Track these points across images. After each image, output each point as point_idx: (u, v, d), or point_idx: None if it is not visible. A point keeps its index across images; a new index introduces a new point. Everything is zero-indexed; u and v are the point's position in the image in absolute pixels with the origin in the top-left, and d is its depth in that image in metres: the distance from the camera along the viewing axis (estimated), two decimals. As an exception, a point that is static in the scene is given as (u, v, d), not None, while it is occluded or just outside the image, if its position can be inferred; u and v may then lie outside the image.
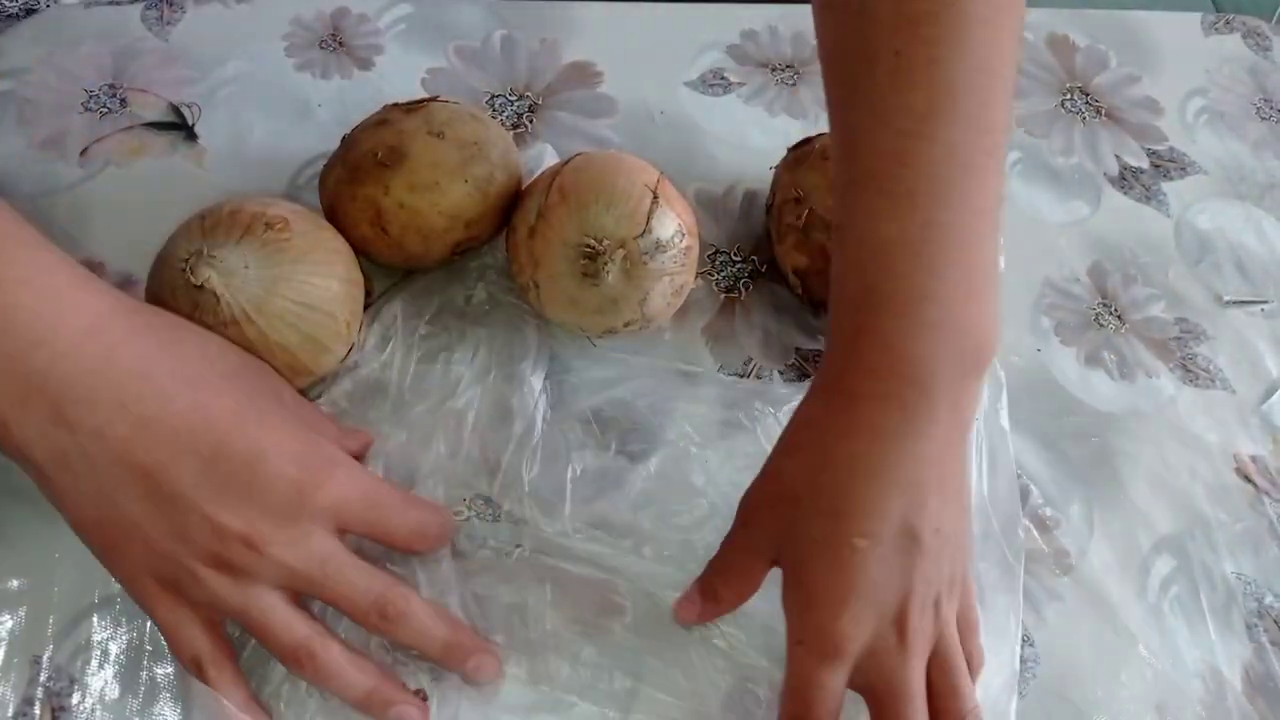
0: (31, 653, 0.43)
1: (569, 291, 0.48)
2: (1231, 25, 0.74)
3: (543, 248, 0.47)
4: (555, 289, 0.48)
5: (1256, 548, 0.52)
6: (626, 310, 0.48)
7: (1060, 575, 0.50)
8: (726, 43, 0.66)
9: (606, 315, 0.48)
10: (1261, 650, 0.49)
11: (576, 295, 0.47)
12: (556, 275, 0.47)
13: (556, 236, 0.47)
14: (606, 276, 0.46)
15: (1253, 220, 0.64)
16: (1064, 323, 0.58)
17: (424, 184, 0.47)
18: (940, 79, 0.38)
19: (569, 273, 0.47)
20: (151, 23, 0.61)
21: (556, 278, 0.47)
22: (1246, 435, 0.56)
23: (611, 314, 0.48)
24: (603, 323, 0.49)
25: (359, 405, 0.49)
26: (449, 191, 0.48)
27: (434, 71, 0.62)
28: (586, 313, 0.48)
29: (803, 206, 0.52)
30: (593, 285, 0.47)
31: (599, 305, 0.48)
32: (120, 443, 0.37)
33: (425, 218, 0.48)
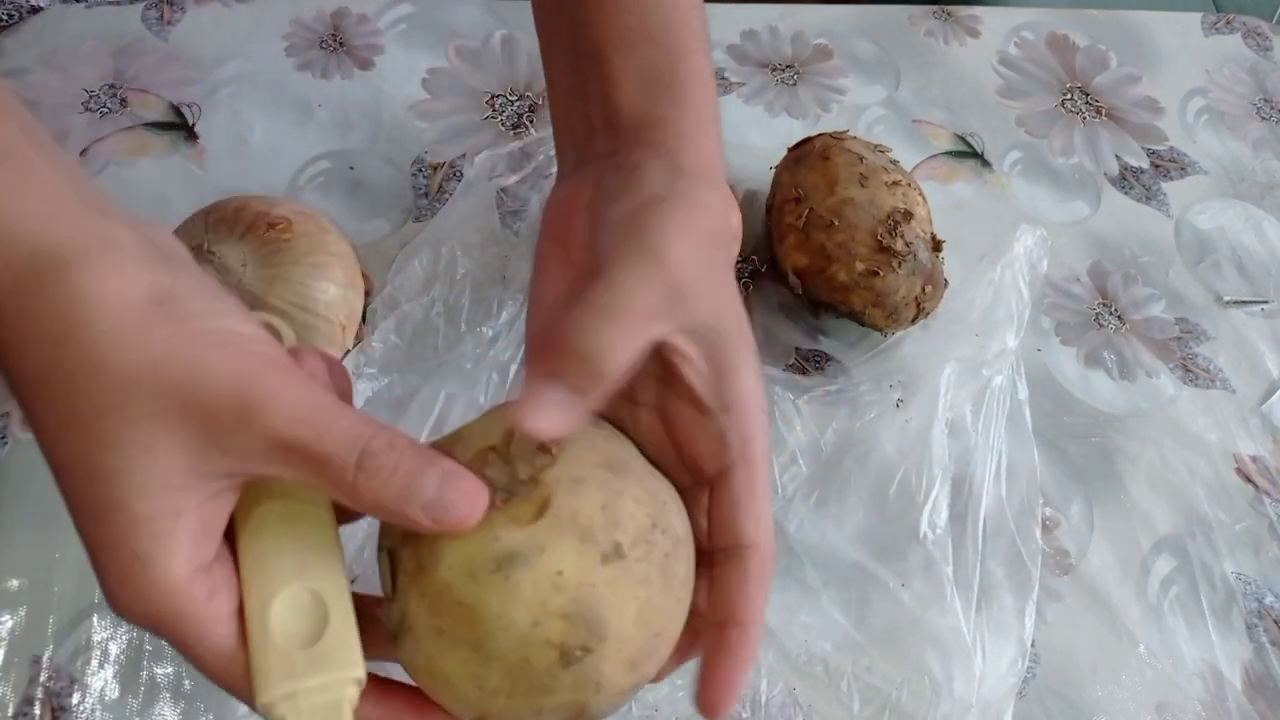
0: (31, 652, 0.43)
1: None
2: (1232, 25, 0.74)
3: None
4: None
5: (1257, 548, 0.52)
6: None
7: (1060, 575, 0.50)
8: (726, 43, 0.66)
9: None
10: (1261, 650, 0.49)
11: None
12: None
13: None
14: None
15: (1253, 220, 0.64)
16: (1064, 323, 0.58)
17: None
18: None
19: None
20: (152, 23, 0.61)
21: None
22: (1247, 435, 0.56)
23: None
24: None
25: (409, 342, 0.50)
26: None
27: (434, 71, 0.62)
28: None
29: (803, 206, 0.52)
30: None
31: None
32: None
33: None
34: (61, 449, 0.28)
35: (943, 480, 0.50)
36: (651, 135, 0.36)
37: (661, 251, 0.31)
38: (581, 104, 0.38)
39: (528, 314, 0.37)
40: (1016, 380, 0.53)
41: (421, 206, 0.57)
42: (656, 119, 0.37)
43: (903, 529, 0.49)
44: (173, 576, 0.28)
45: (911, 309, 0.52)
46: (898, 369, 0.54)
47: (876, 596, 0.48)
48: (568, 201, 0.36)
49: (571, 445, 0.31)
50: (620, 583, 0.30)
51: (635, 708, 0.45)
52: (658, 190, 0.33)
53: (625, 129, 0.37)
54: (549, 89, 0.42)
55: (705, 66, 0.39)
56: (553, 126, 0.41)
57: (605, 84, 0.38)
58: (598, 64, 0.38)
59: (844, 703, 0.46)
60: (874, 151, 0.54)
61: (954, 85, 0.67)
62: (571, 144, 0.39)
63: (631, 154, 0.35)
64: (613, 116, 0.37)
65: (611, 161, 0.36)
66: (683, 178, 0.34)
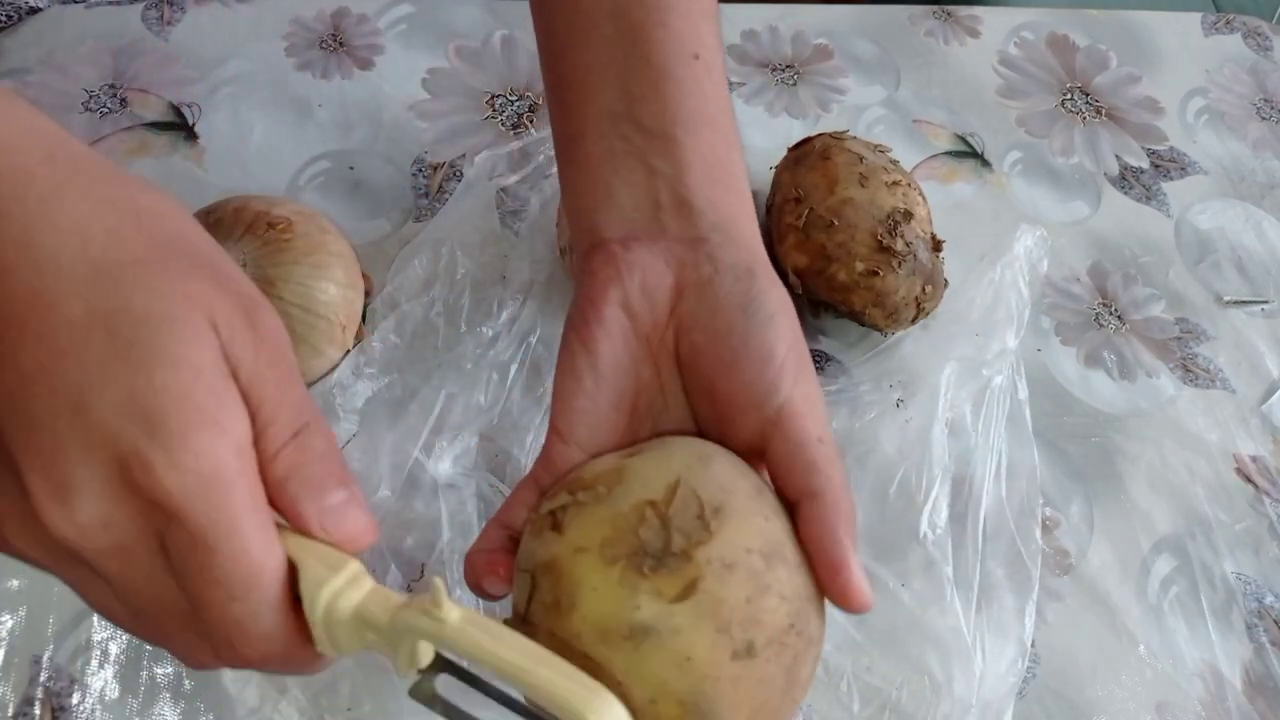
0: (31, 652, 0.43)
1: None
2: (1232, 25, 0.74)
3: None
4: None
5: (1257, 548, 0.52)
6: None
7: (1060, 575, 0.50)
8: (727, 43, 0.66)
9: None
10: (1261, 650, 0.49)
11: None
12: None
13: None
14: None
15: (1253, 220, 0.64)
16: (1064, 323, 0.58)
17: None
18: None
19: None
20: (152, 23, 0.61)
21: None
22: (1247, 435, 0.56)
23: None
24: None
25: (409, 342, 0.50)
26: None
27: (434, 72, 0.62)
28: None
29: (803, 206, 0.52)
30: None
31: None
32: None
33: None
34: (97, 294, 0.27)
35: (943, 480, 0.50)
36: (729, 230, 0.37)
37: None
38: (644, 175, 0.38)
39: (562, 383, 0.37)
40: (1016, 380, 0.53)
41: (421, 206, 0.57)
42: (729, 213, 0.38)
43: (903, 529, 0.49)
44: (237, 438, 0.28)
45: (911, 309, 0.52)
46: (898, 369, 0.54)
47: (876, 596, 0.47)
48: (646, 272, 0.37)
49: (731, 519, 0.31)
50: (743, 682, 0.30)
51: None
52: (782, 335, 0.36)
53: (697, 214, 0.37)
54: (578, 147, 0.40)
55: (739, 143, 0.40)
56: (581, 180, 0.39)
57: (674, 162, 0.38)
58: (663, 141, 0.38)
59: (844, 703, 0.46)
60: (874, 151, 0.54)
61: (954, 85, 0.67)
62: (626, 206, 0.38)
63: (720, 255, 0.37)
64: (684, 197, 0.37)
65: (702, 252, 0.37)
66: (770, 288, 0.37)
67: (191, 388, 0.27)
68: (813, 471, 0.34)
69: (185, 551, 0.27)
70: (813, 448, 0.34)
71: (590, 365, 0.36)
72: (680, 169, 0.38)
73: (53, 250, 0.27)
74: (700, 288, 0.36)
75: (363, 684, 0.44)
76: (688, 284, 0.36)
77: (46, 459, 0.26)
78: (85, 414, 0.26)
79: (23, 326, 0.27)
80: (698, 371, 0.36)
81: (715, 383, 0.36)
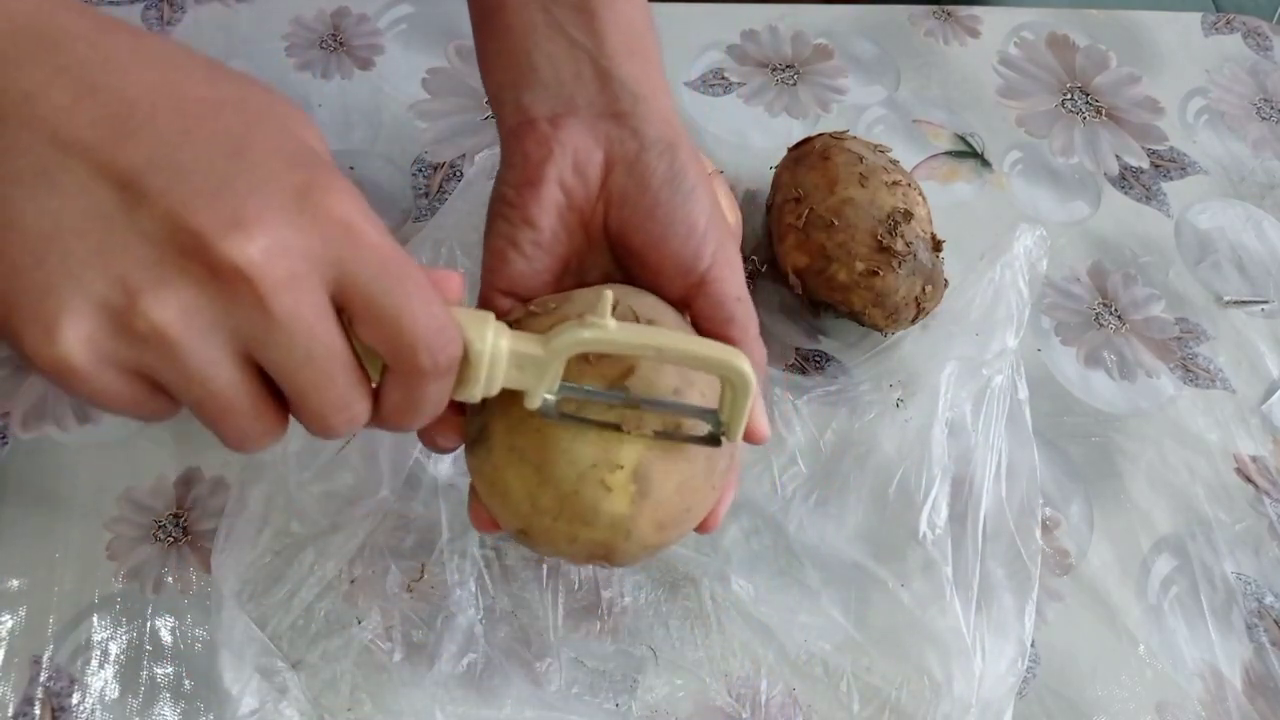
0: (31, 653, 0.43)
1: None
2: (1232, 25, 0.74)
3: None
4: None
5: (1257, 548, 0.52)
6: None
7: (1060, 575, 0.50)
8: (727, 42, 0.66)
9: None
10: (1261, 650, 0.49)
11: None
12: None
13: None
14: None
15: (1253, 220, 0.64)
16: (1064, 323, 0.58)
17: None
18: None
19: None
20: (152, 22, 0.61)
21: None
22: (1247, 435, 0.56)
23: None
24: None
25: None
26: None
27: (434, 71, 0.62)
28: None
29: (803, 206, 0.52)
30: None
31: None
32: (57, 113, 0.27)
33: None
34: (219, 86, 0.29)
35: (942, 480, 0.50)
36: (650, 103, 0.39)
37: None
38: (564, 47, 0.39)
39: (499, 223, 0.39)
40: (1016, 380, 0.53)
41: (421, 206, 0.57)
42: (649, 86, 0.40)
43: (902, 529, 0.49)
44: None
45: (911, 309, 0.52)
46: (897, 369, 0.54)
47: (876, 597, 0.48)
48: (577, 150, 0.38)
49: (663, 327, 0.35)
50: (673, 456, 0.35)
51: (635, 708, 0.45)
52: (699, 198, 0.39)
53: (619, 85, 0.39)
54: (498, 18, 0.41)
55: (653, 17, 0.42)
56: (503, 52, 0.41)
57: (594, 35, 0.39)
58: (583, 13, 0.39)
59: (844, 703, 0.46)
60: (874, 151, 0.54)
61: (954, 85, 0.67)
62: (550, 82, 0.40)
63: (644, 129, 0.39)
64: (606, 69, 0.39)
65: (627, 127, 0.39)
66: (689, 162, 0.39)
67: (325, 149, 0.30)
68: (732, 325, 0.38)
69: (375, 268, 0.28)
70: (731, 305, 0.38)
71: (532, 239, 0.38)
72: (600, 41, 0.39)
73: (166, 54, 0.29)
74: (628, 164, 0.39)
75: (362, 684, 0.44)
76: (616, 160, 0.39)
77: (214, 195, 0.26)
78: (246, 153, 0.27)
79: (154, 106, 0.27)
80: (626, 241, 0.39)
81: (645, 252, 0.39)
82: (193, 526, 0.47)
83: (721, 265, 0.38)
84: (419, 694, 0.44)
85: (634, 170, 0.38)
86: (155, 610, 0.45)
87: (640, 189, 0.38)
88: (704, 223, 0.38)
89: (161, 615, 0.45)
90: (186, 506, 0.47)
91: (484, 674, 0.44)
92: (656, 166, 0.38)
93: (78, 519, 0.46)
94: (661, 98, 0.40)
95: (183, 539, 0.47)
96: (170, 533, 0.47)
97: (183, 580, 0.46)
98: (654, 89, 0.40)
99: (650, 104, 0.39)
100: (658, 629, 0.46)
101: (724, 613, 0.47)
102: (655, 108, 0.39)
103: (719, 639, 0.46)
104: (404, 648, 0.45)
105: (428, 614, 0.45)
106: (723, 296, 0.38)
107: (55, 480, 0.47)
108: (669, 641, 0.46)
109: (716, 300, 0.38)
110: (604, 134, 0.39)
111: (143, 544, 0.46)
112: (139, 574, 0.46)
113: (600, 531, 0.35)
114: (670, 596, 0.47)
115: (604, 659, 0.45)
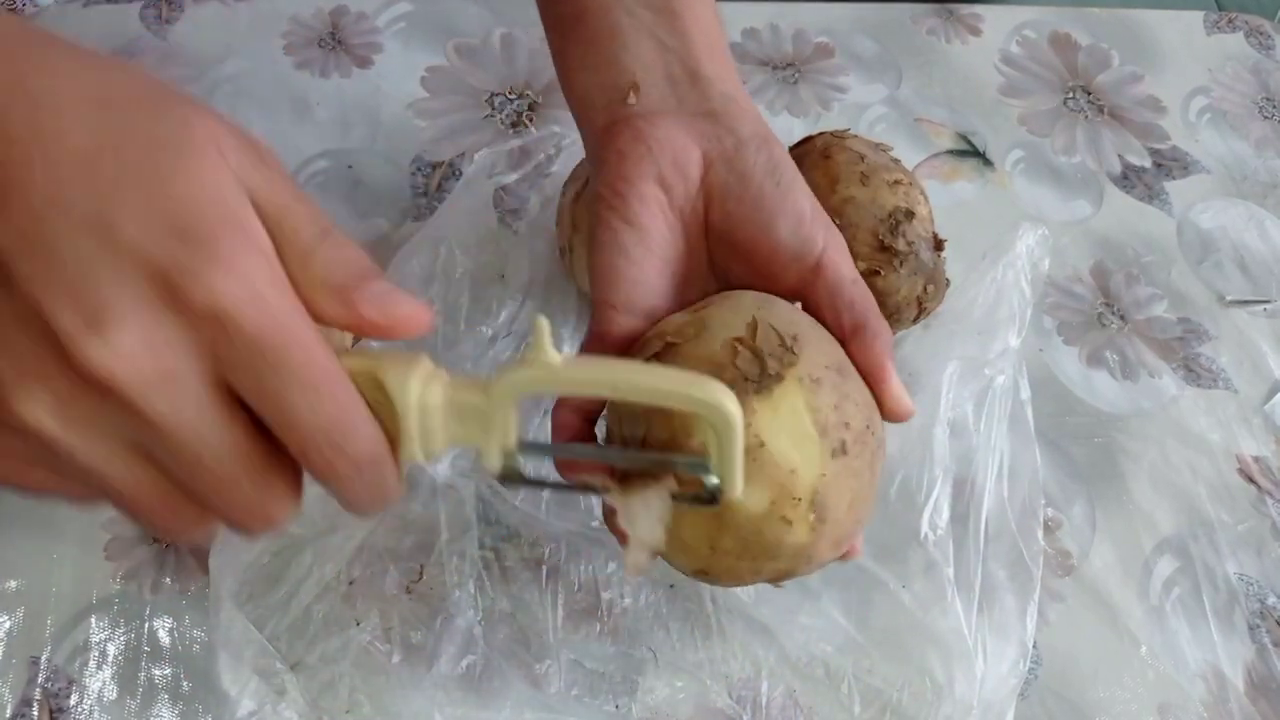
0: (29, 653, 0.43)
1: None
2: (1234, 24, 0.73)
3: (582, 213, 0.47)
4: (586, 255, 0.48)
5: (1259, 548, 0.52)
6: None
7: (1062, 576, 0.50)
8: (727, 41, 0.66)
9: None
10: (1264, 651, 0.49)
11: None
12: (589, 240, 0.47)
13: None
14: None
15: (1255, 219, 0.64)
16: (1066, 322, 0.58)
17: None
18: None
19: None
20: (150, 21, 0.61)
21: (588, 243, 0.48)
22: (1249, 435, 0.56)
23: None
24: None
25: (407, 342, 0.50)
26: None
27: (433, 70, 0.62)
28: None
29: (804, 206, 0.52)
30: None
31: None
32: None
33: None
34: (101, 125, 0.26)
35: (944, 481, 0.50)
36: (739, 100, 0.40)
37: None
38: (653, 48, 0.39)
39: (602, 259, 0.38)
40: (1019, 380, 0.53)
41: (420, 205, 0.57)
42: (734, 84, 0.40)
43: (904, 530, 0.49)
44: (266, 247, 0.27)
45: (913, 308, 0.52)
46: (899, 368, 0.53)
47: (877, 598, 0.48)
48: (674, 147, 0.38)
49: (806, 343, 0.35)
50: (842, 476, 0.34)
51: (635, 710, 0.44)
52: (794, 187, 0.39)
53: (708, 84, 0.39)
54: (583, 26, 0.41)
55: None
56: (590, 56, 0.40)
57: (679, 36, 0.40)
58: (666, 15, 0.40)
59: (845, 705, 0.45)
60: (875, 150, 0.54)
61: (956, 84, 0.67)
62: (643, 82, 0.39)
63: (738, 127, 0.39)
64: (695, 69, 0.39)
65: (722, 125, 0.39)
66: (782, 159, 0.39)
67: (213, 199, 0.25)
68: (853, 308, 0.38)
69: (252, 362, 0.25)
70: (849, 289, 0.38)
71: (637, 239, 0.38)
72: (686, 42, 0.40)
73: (48, 89, 0.26)
74: (728, 159, 0.38)
75: (361, 685, 0.44)
76: (714, 156, 0.39)
77: (73, 288, 0.24)
78: (110, 233, 0.24)
79: (26, 163, 0.25)
80: (733, 236, 0.39)
81: (754, 244, 0.38)
82: (191, 527, 0.47)
83: (834, 249, 0.39)
84: (418, 696, 0.44)
85: (734, 165, 0.38)
86: (153, 611, 0.45)
87: (743, 183, 0.38)
88: (810, 210, 0.39)
89: (159, 616, 0.45)
90: (185, 507, 0.47)
91: (483, 676, 0.44)
92: (756, 160, 0.38)
93: (76, 519, 0.46)
94: (744, 96, 0.40)
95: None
96: (168, 533, 0.47)
97: (181, 581, 0.46)
98: (738, 88, 0.40)
99: (739, 103, 0.39)
100: (658, 630, 0.46)
101: (724, 614, 0.47)
102: (745, 106, 0.40)
103: (719, 641, 0.46)
104: (403, 649, 0.44)
105: (426, 615, 0.45)
106: (839, 280, 0.38)
107: (53, 481, 0.47)
108: (669, 643, 0.46)
109: (834, 285, 0.38)
110: (700, 131, 0.39)
111: (141, 545, 0.46)
112: (137, 575, 0.45)
113: (784, 562, 0.35)
114: (670, 598, 0.47)
115: (604, 661, 0.45)
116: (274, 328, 0.25)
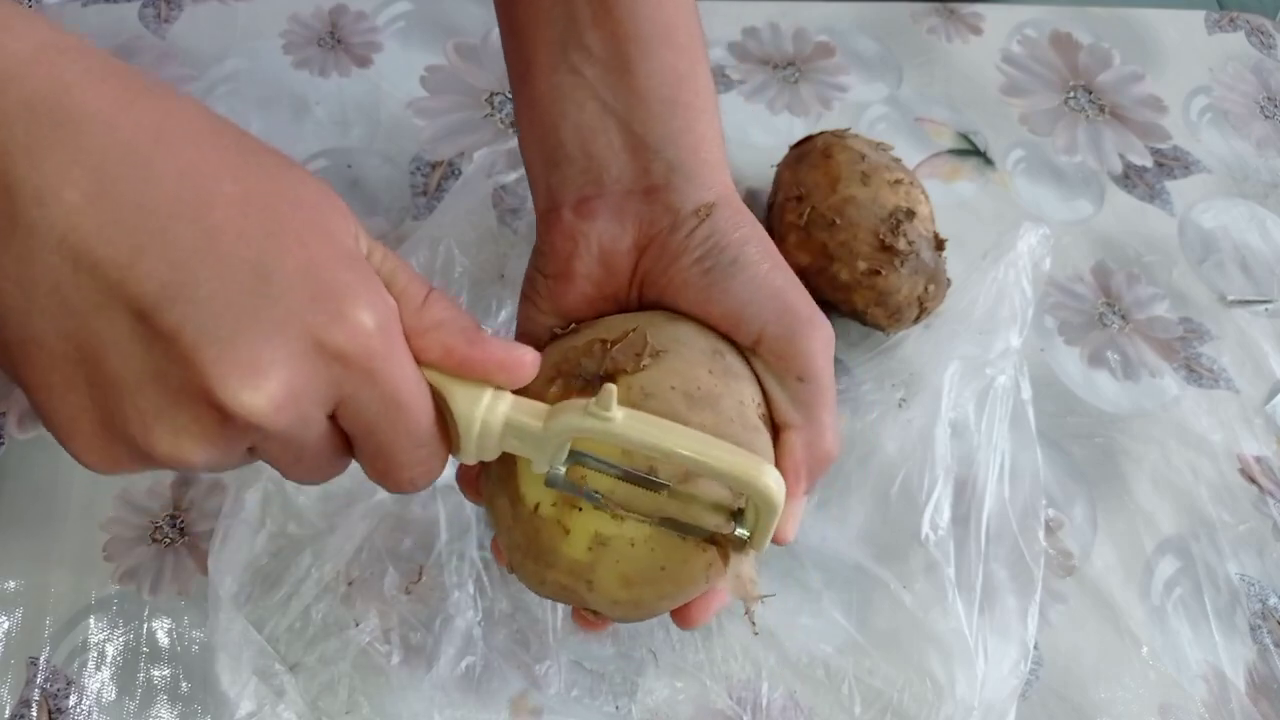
0: (28, 654, 0.43)
1: None
2: (1235, 23, 0.73)
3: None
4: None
5: (1261, 549, 0.52)
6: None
7: (1063, 577, 0.50)
8: (728, 40, 0.66)
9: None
10: (1265, 652, 0.49)
11: None
12: None
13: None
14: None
15: (1257, 219, 0.64)
16: (1067, 322, 0.58)
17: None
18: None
19: None
20: (149, 20, 0.61)
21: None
22: (1251, 435, 0.55)
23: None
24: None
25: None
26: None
27: (433, 69, 0.62)
28: None
29: (804, 205, 0.51)
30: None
31: None
32: (68, 215, 0.25)
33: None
34: (247, 174, 0.28)
35: (945, 481, 0.50)
36: (689, 165, 0.37)
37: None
38: (595, 113, 0.37)
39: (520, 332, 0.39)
40: (1020, 380, 0.53)
41: (420, 205, 0.57)
42: (689, 144, 0.37)
43: (905, 530, 0.49)
44: (390, 301, 0.30)
45: (914, 308, 0.51)
46: (900, 368, 0.53)
47: (878, 598, 0.48)
48: (604, 241, 0.37)
49: (668, 362, 0.34)
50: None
51: (635, 711, 0.44)
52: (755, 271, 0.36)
53: (652, 154, 0.36)
54: (528, 86, 0.38)
55: (703, 56, 0.39)
56: (533, 127, 0.38)
57: (627, 95, 0.36)
58: (616, 70, 0.36)
59: (845, 705, 0.45)
60: (876, 149, 0.54)
61: (957, 83, 0.66)
62: (577, 157, 0.37)
63: (678, 203, 0.36)
64: (639, 136, 0.36)
65: (659, 203, 0.36)
66: (748, 235, 0.37)
67: (353, 259, 0.29)
68: (791, 408, 0.36)
69: (378, 409, 0.29)
70: (792, 386, 0.36)
71: (557, 322, 0.38)
72: (634, 102, 0.36)
73: (193, 134, 0.28)
74: (660, 245, 0.37)
75: (360, 686, 0.44)
76: (647, 240, 0.37)
77: (231, 340, 0.26)
78: (266, 286, 0.27)
79: (171, 215, 0.26)
80: (675, 307, 0.37)
81: (693, 314, 0.37)
82: (190, 528, 0.47)
83: (773, 340, 0.35)
84: (417, 696, 0.43)
85: (666, 248, 0.36)
86: (152, 612, 0.45)
87: (674, 266, 0.36)
88: (743, 300, 0.35)
89: (158, 617, 0.45)
90: (183, 508, 0.47)
91: (483, 676, 0.44)
92: (688, 245, 0.36)
93: (74, 520, 0.46)
94: (705, 150, 0.37)
95: (179, 540, 0.46)
96: (167, 534, 0.47)
97: (180, 582, 0.45)
98: (696, 142, 0.37)
99: (688, 167, 0.36)
100: (658, 631, 0.46)
101: (725, 615, 0.46)
102: (694, 170, 0.36)
103: (719, 641, 0.46)
104: (402, 650, 0.44)
105: (426, 616, 0.45)
106: (781, 374, 0.36)
107: (52, 481, 0.47)
108: (669, 644, 0.46)
109: (777, 378, 0.36)
110: (633, 213, 0.36)
111: (139, 545, 0.46)
112: (136, 575, 0.45)
113: (562, 575, 0.33)
114: (671, 598, 0.47)
115: (604, 662, 0.45)
116: (402, 382, 0.29)
